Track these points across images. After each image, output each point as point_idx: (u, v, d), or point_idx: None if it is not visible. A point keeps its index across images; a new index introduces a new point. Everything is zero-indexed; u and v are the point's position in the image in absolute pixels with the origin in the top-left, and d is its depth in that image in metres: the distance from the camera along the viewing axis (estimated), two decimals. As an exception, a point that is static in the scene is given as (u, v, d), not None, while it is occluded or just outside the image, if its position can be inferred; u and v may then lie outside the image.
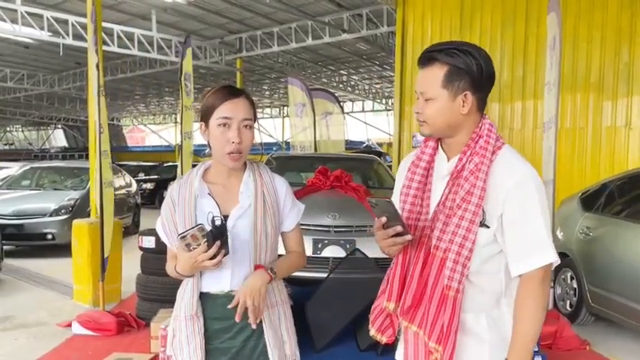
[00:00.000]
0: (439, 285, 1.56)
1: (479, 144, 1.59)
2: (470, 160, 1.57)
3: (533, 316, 1.54)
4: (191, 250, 1.67)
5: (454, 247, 1.54)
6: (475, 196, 1.53)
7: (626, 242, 4.65)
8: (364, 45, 15.21)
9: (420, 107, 1.62)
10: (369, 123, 31.00)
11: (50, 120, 37.30)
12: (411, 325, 1.61)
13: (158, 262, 4.67)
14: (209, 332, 1.84)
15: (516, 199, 1.54)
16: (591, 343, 4.64)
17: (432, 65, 1.58)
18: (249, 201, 1.86)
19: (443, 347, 1.54)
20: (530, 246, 1.54)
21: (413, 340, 1.64)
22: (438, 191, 1.65)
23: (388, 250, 1.61)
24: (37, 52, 17.02)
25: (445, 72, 1.56)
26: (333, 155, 8.09)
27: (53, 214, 8.65)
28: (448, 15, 8.60)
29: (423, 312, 1.59)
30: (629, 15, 7.06)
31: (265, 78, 22.18)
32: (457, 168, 1.59)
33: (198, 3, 11.99)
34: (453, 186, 1.59)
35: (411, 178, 1.69)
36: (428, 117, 1.61)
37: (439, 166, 1.68)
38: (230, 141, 1.79)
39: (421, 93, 1.61)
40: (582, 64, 7.40)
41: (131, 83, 22.48)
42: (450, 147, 1.66)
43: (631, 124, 7.12)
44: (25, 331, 4.93)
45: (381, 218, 1.55)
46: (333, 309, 4.29)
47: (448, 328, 1.54)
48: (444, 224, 1.57)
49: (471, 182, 1.54)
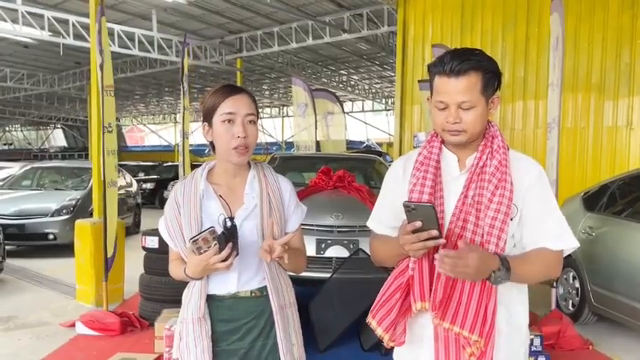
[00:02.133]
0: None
1: (495, 143, 1.68)
2: (490, 159, 1.65)
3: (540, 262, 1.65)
4: (202, 253, 1.65)
5: (492, 239, 1.59)
6: (507, 191, 1.61)
7: (628, 242, 4.65)
8: (364, 45, 15.22)
9: (458, 117, 1.62)
10: (369, 123, 31.01)
11: (50, 120, 37.28)
12: (444, 323, 1.60)
13: (161, 262, 4.67)
14: (216, 334, 1.83)
15: (536, 194, 1.66)
16: (594, 342, 4.65)
17: (468, 74, 1.60)
18: (254, 202, 1.85)
19: (486, 339, 1.57)
20: (557, 232, 1.66)
21: (443, 338, 1.64)
22: (452, 190, 1.68)
23: (414, 253, 1.57)
24: (37, 51, 17.02)
25: (482, 78, 1.62)
26: (335, 155, 8.10)
27: (55, 214, 8.64)
28: (449, 15, 8.61)
29: (456, 307, 1.60)
30: (630, 16, 7.07)
31: (265, 78, 22.19)
32: (479, 166, 1.66)
33: (199, 3, 12.00)
34: (479, 182, 1.64)
35: (424, 177, 1.68)
36: (469, 125, 1.63)
37: (447, 165, 1.71)
38: (235, 136, 1.78)
39: (461, 103, 1.61)
40: (584, 65, 7.41)
41: (131, 83, 22.47)
42: (462, 147, 1.70)
43: (632, 124, 7.13)
44: (28, 332, 4.92)
45: (415, 223, 1.51)
46: (337, 309, 4.30)
47: (492, 318, 1.58)
48: (476, 219, 1.62)
49: (498, 178, 1.62)
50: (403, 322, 1.69)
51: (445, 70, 1.61)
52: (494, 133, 1.70)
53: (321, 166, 5.75)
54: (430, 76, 1.70)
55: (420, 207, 1.52)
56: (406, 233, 1.53)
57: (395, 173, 1.83)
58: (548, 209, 1.68)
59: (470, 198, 1.64)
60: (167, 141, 36.82)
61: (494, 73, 1.64)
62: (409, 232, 1.52)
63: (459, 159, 1.71)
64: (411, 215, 1.52)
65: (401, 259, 1.73)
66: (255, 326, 1.83)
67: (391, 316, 1.68)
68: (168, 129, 38.38)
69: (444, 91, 1.62)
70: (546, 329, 4.42)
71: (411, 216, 1.52)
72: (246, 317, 1.84)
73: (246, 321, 1.84)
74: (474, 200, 1.63)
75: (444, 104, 1.63)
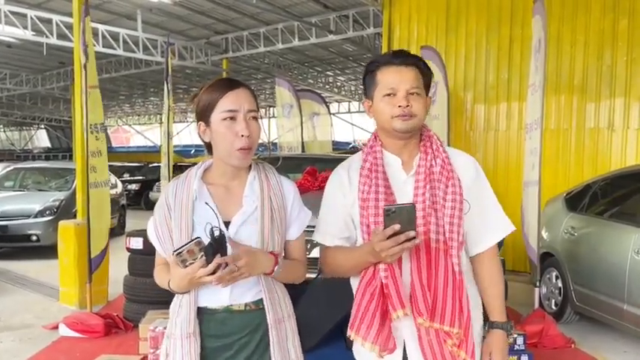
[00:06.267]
0: (449, 275, 1.67)
1: (434, 143, 1.79)
2: (434, 158, 1.75)
3: (501, 278, 1.85)
4: (187, 265, 1.49)
5: (454, 236, 1.69)
6: (457, 187, 1.71)
7: (610, 242, 4.72)
8: (350, 46, 15.23)
9: (408, 101, 1.70)
10: (355, 124, 31.07)
11: (33, 120, 36.81)
12: (430, 322, 1.64)
13: (146, 264, 4.66)
14: (206, 351, 1.67)
15: (477, 186, 1.79)
16: (576, 341, 4.71)
17: (415, 66, 1.74)
18: (254, 205, 1.69)
19: (465, 329, 1.67)
20: (495, 222, 1.82)
21: (425, 336, 1.68)
22: (403, 192, 1.73)
23: (391, 258, 1.56)
24: (20, 51, 16.80)
25: (423, 76, 1.76)
26: (321, 156, 8.10)
27: (38, 216, 8.57)
28: (434, 17, 8.66)
29: (432, 305, 1.65)
30: (611, 19, 7.16)
31: (252, 79, 22.11)
32: (427, 167, 1.73)
33: (184, 3, 11.93)
34: (429, 182, 1.71)
35: (376, 183, 1.72)
36: (418, 111, 1.72)
37: (391, 168, 1.76)
38: (239, 134, 1.62)
39: (410, 88, 1.70)
40: (566, 67, 7.49)
41: (116, 83, 22.28)
42: (402, 147, 1.78)
43: (613, 125, 7.22)
44: (10, 334, 4.88)
45: (394, 226, 1.50)
46: (322, 309, 4.29)
47: (467, 308, 1.68)
48: (436, 219, 1.69)
49: (446, 177, 1.71)
50: (386, 328, 1.67)
51: (394, 61, 1.73)
52: (429, 133, 1.81)
53: (307, 167, 5.75)
54: (370, 75, 1.78)
55: (401, 209, 1.52)
56: (383, 239, 1.51)
57: (340, 184, 1.81)
58: (486, 201, 1.81)
59: (428, 199, 1.69)
60: (153, 142, 36.54)
61: (429, 75, 1.79)
62: (386, 237, 1.51)
63: (402, 162, 1.77)
64: (389, 219, 1.50)
65: (365, 269, 1.71)
66: (249, 342, 1.68)
67: (374, 327, 1.66)
68: (154, 129, 38.07)
69: (394, 79, 1.71)
70: (529, 328, 4.47)
71: (389, 220, 1.50)
72: (240, 332, 1.68)
73: (239, 337, 1.68)
74: (431, 201, 1.69)
75: (393, 90, 1.71)
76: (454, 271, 1.67)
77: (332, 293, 4.24)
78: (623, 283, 4.40)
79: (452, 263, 1.68)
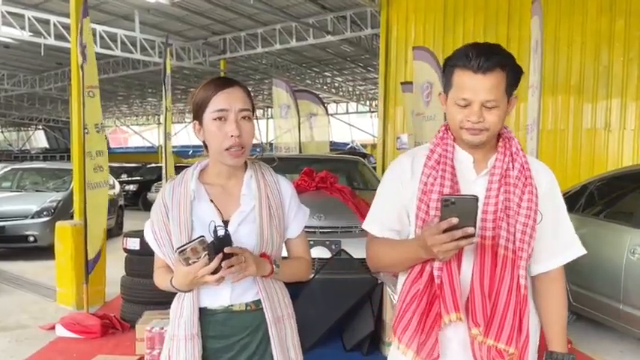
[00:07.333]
0: (513, 288, 1.52)
1: (514, 145, 1.62)
2: (512, 161, 1.59)
3: (565, 302, 1.71)
4: (190, 264, 1.49)
5: (525, 247, 1.54)
6: (534, 196, 1.56)
7: (606, 242, 4.72)
8: (348, 47, 15.26)
9: (481, 115, 1.53)
10: (354, 125, 31.09)
11: (31, 121, 36.76)
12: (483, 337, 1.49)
13: (143, 264, 4.66)
14: (207, 352, 1.66)
15: (550, 200, 1.65)
16: (573, 341, 4.70)
17: (495, 71, 1.51)
18: (251, 204, 1.68)
19: (521, 351, 1.52)
20: (568, 240, 1.69)
21: (478, 351, 1.53)
22: (471, 192, 1.50)
23: (443, 255, 1.42)
24: (17, 52, 16.79)
25: (506, 77, 1.53)
26: (318, 156, 8.11)
27: (35, 216, 8.55)
28: (432, 17, 8.68)
29: (490, 317, 1.50)
30: (608, 19, 7.18)
31: (249, 79, 22.12)
32: (503, 170, 1.58)
33: (182, 4, 11.94)
34: (504, 186, 1.57)
35: (442, 176, 1.56)
36: (491, 125, 1.55)
37: (461, 165, 1.62)
38: (228, 135, 1.60)
39: (485, 101, 1.52)
40: (563, 67, 7.51)
41: (114, 84, 22.27)
42: (477, 147, 1.61)
43: (610, 126, 7.25)
44: (7, 335, 4.86)
45: (452, 219, 1.35)
46: (319, 309, 4.30)
47: (527, 329, 1.53)
48: (507, 225, 1.54)
49: (523, 183, 1.57)
50: (433, 335, 1.52)
51: (472, 66, 1.50)
52: (510, 134, 1.64)
53: (304, 168, 5.76)
54: (448, 70, 1.59)
55: (461, 200, 1.37)
56: (438, 232, 1.37)
57: (401, 173, 1.66)
58: (560, 217, 1.68)
59: (501, 202, 1.55)
60: (150, 142, 36.53)
61: (517, 72, 1.56)
62: (441, 230, 1.37)
63: (474, 160, 1.62)
64: (447, 210, 1.36)
65: (413, 265, 1.57)
66: (250, 342, 1.67)
67: (410, 328, 1.52)
68: (152, 130, 38.07)
69: (469, 88, 1.52)
70: (526, 328, 4.46)
71: (447, 212, 1.36)
72: (241, 333, 1.67)
73: (240, 337, 1.67)
74: (504, 205, 1.54)
75: (466, 101, 1.53)
76: (519, 285, 1.52)
77: (329, 294, 4.26)
78: (619, 283, 4.41)
79: (518, 275, 1.52)
